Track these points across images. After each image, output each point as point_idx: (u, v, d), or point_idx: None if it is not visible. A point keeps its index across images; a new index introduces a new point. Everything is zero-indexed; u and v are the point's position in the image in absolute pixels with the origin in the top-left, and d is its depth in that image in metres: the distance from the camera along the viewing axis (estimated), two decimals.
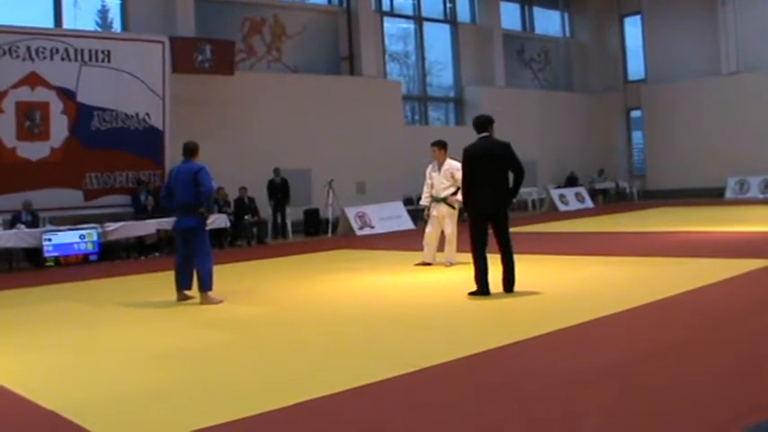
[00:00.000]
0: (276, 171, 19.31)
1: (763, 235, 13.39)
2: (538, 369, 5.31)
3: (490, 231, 8.44)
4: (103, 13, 19.28)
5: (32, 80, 16.04)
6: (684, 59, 27.70)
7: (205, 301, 8.97)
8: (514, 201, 9.09)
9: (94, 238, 15.38)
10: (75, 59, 16.49)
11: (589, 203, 25.90)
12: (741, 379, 4.73)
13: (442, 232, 11.45)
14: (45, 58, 16.11)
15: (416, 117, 26.29)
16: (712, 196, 25.25)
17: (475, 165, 8.34)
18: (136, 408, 4.88)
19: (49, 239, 14.87)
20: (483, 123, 8.61)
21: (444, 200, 11.22)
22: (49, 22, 17.65)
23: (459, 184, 9.18)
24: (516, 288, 8.44)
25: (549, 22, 30.44)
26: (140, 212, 16.79)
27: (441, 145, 11.42)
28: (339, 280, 10.81)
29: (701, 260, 10.39)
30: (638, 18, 29.91)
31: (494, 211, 8.40)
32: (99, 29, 18.98)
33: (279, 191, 19.31)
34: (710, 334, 6.11)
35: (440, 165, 11.39)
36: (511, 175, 8.44)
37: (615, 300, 7.53)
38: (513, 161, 8.40)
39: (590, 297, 8.14)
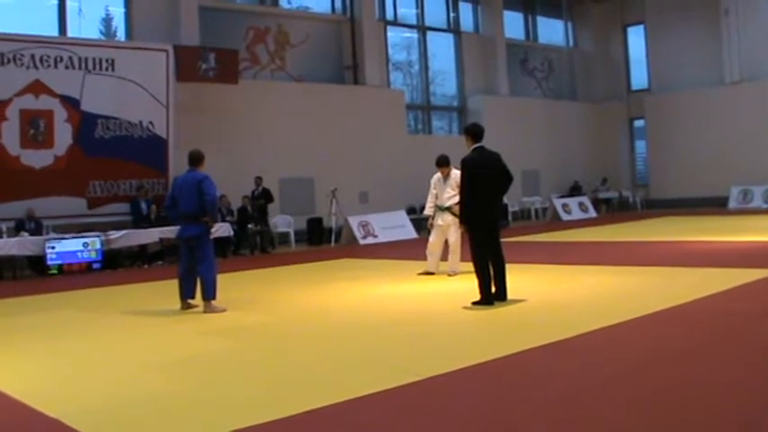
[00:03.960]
0: (256, 180, 18.92)
1: (767, 245, 13.36)
2: (542, 378, 5.29)
3: None
4: (108, 21, 19.32)
5: (36, 88, 16.08)
6: (688, 69, 27.71)
7: (208, 309, 8.97)
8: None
9: (98, 246, 15.39)
10: (80, 68, 16.53)
11: (592, 213, 25.88)
12: (747, 388, 4.71)
13: (446, 242, 11.44)
14: (49, 66, 16.15)
15: (420, 126, 26.31)
16: (716, 206, 25.21)
17: (477, 177, 8.38)
18: (139, 415, 4.87)
19: (53, 247, 14.88)
20: (481, 134, 8.68)
21: (449, 209, 11.20)
22: (53, 31, 17.70)
23: None
24: (518, 297, 8.48)
25: (552, 32, 30.49)
26: (139, 220, 16.78)
27: (446, 162, 11.44)
28: (342, 289, 10.80)
29: (705, 270, 10.36)
30: (641, 28, 29.94)
31: (494, 221, 8.57)
32: (103, 37, 19.02)
33: (258, 200, 18.85)
34: (715, 343, 6.10)
35: (446, 176, 11.41)
36: None
37: (619, 309, 7.52)
38: (506, 171, 8.58)
39: (593, 306, 8.13)
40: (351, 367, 5.98)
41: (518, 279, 9.29)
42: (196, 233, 9.15)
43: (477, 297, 8.30)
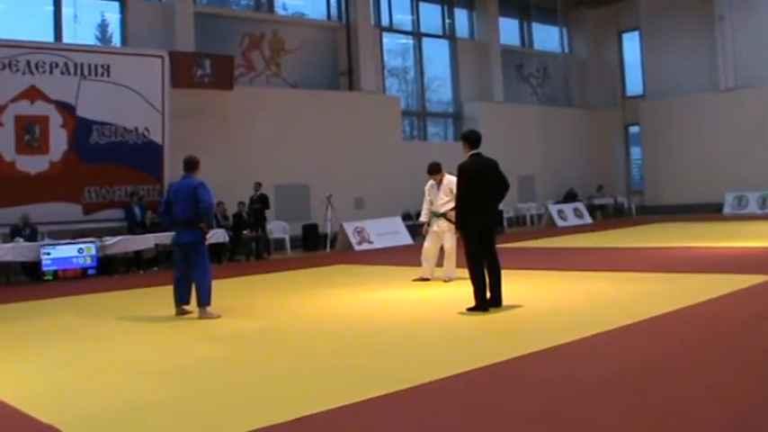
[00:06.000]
0: (256, 185, 18.92)
1: (761, 250, 13.38)
2: (536, 384, 5.29)
3: None
4: (103, 27, 19.33)
5: (32, 94, 16.07)
6: (682, 75, 27.77)
7: (203, 315, 8.96)
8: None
9: (93, 252, 15.37)
10: (75, 73, 16.51)
11: (587, 219, 25.89)
12: (742, 393, 4.72)
13: (441, 248, 11.44)
14: (45, 71, 16.14)
15: (415, 132, 26.33)
16: (710, 212, 25.24)
17: (473, 183, 8.41)
18: (134, 422, 4.86)
19: (48, 253, 14.85)
20: (478, 140, 8.70)
21: (444, 215, 11.21)
22: (49, 36, 17.69)
23: None
24: (512, 303, 8.48)
25: (547, 38, 30.54)
26: (134, 226, 16.75)
27: (437, 170, 11.47)
28: (337, 295, 10.79)
29: (700, 275, 10.39)
30: (636, 34, 29.99)
31: (489, 227, 8.60)
32: (99, 43, 19.03)
33: (254, 204, 18.79)
34: (710, 349, 6.10)
35: (438, 182, 11.43)
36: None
37: (614, 315, 7.53)
38: (503, 178, 8.65)
39: (588, 312, 8.13)
40: (345, 373, 5.97)
41: (513, 285, 9.29)
42: (191, 239, 9.14)
43: (472, 303, 8.31)
